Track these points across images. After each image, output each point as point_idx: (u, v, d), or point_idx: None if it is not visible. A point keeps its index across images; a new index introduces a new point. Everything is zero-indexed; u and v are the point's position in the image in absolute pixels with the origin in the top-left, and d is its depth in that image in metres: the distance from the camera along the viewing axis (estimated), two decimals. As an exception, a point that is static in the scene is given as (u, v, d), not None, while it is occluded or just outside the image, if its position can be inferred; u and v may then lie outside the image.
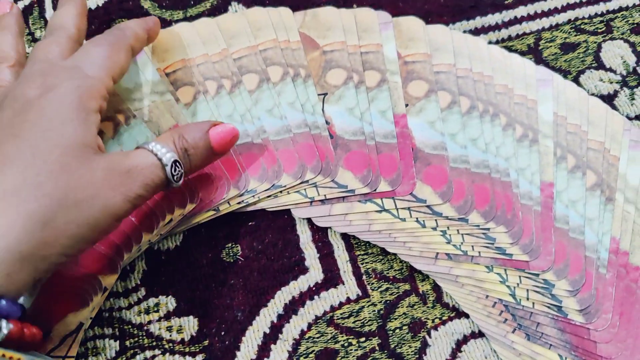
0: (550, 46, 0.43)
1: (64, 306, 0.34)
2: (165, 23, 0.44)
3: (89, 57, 0.32)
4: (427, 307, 0.36)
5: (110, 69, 0.32)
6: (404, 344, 0.35)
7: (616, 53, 0.43)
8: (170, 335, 0.35)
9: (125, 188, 0.28)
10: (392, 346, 0.35)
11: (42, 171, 0.27)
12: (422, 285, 0.36)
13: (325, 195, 0.38)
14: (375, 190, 0.37)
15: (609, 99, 0.41)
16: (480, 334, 0.35)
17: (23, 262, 0.25)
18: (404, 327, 0.35)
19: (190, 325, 0.35)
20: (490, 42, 0.43)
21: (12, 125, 0.28)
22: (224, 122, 0.35)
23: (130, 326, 0.35)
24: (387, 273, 0.37)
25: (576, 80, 0.42)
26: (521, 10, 0.44)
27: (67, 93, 0.29)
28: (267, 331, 0.35)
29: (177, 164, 0.31)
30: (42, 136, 0.28)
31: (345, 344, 0.35)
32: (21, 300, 0.28)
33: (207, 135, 0.33)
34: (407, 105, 0.40)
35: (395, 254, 0.37)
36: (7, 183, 0.26)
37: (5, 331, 0.24)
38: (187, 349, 0.35)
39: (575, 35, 0.44)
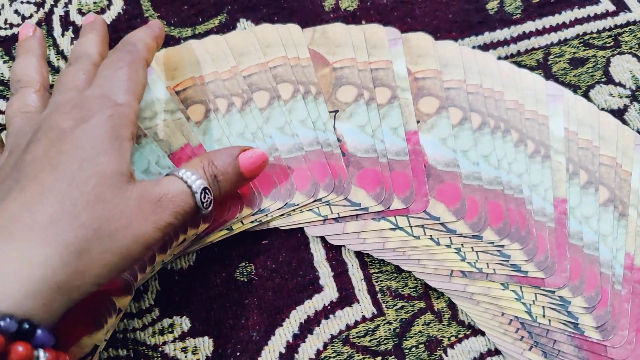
0: (560, 61, 0.43)
1: (78, 329, 0.33)
2: (174, 41, 0.44)
3: (114, 83, 0.32)
4: (443, 324, 0.36)
5: (135, 91, 0.32)
6: (420, 362, 0.35)
7: (625, 67, 0.43)
8: (186, 357, 0.35)
9: (156, 217, 0.29)
10: (409, 365, 0.35)
11: (79, 202, 0.27)
12: (438, 303, 0.36)
13: (338, 213, 0.38)
14: (388, 208, 0.37)
15: (619, 113, 0.41)
16: (497, 352, 0.35)
17: (58, 292, 0.25)
18: (420, 346, 0.35)
19: (205, 345, 0.35)
20: (499, 58, 0.43)
21: (49, 156, 0.28)
22: (253, 148, 0.35)
23: (144, 347, 0.35)
24: (402, 291, 0.36)
25: (586, 95, 0.42)
26: (529, 26, 0.45)
27: (100, 124, 0.30)
28: (283, 351, 0.35)
29: (207, 190, 0.31)
30: (78, 167, 0.28)
31: (362, 364, 0.35)
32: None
33: (237, 160, 0.33)
34: (418, 122, 0.40)
35: (409, 272, 0.37)
36: (45, 214, 0.26)
37: None
38: (202, 371, 0.34)
39: (584, 50, 0.44)
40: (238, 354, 0.35)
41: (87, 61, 0.34)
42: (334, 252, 0.37)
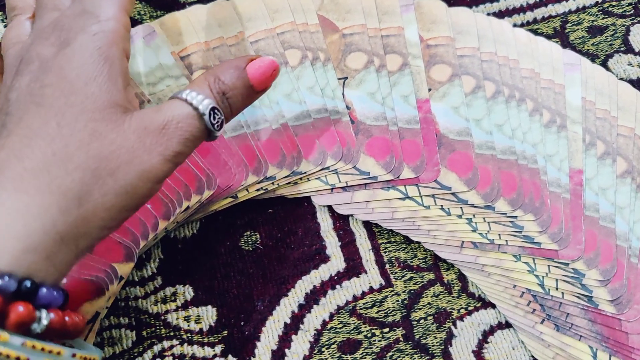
0: (577, 29, 0.42)
1: (79, 295, 0.33)
2: (179, 5, 0.42)
3: None
4: (453, 297, 0.35)
5: (122, 4, 0.28)
6: (429, 334, 0.34)
7: (645, 36, 0.42)
8: (189, 325, 0.34)
9: (162, 147, 0.26)
10: (417, 337, 0.34)
11: (71, 142, 0.24)
12: (447, 275, 0.35)
13: (346, 182, 0.37)
14: (398, 177, 0.36)
15: (638, 83, 0.40)
16: (508, 325, 0.34)
17: (62, 243, 0.23)
18: (429, 318, 0.34)
19: (208, 315, 0.34)
20: (515, 25, 0.41)
21: (33, 93, 0.25)
22: (260, 56, 0.30)
23: (147, 316, 0.34)
24: (411, 262, 0.36)
25: (604, 65, 0.41)
26: (546, -7, 0.43)
27: (84, 46, 0.26)
28: (288, 321, 0.34)
29: (216, 110, 0.28)
30: (65, 102, 0.25)
31: (369, 335, 0.34)
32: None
33: (245, 72, 0.29)
34: (430, 89, 0.39)
35: (419, 243, 0.36)
36: (35, 159, 0.24)
37: (45, 322, 0.23)
38: (205, 339, 0.34)
39: (603, 18, 0.42)
40: (242, 323, 0.34)
41: None
42: (341, 222, 0.36)
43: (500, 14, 0.42)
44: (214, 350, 0.33)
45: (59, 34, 0.27)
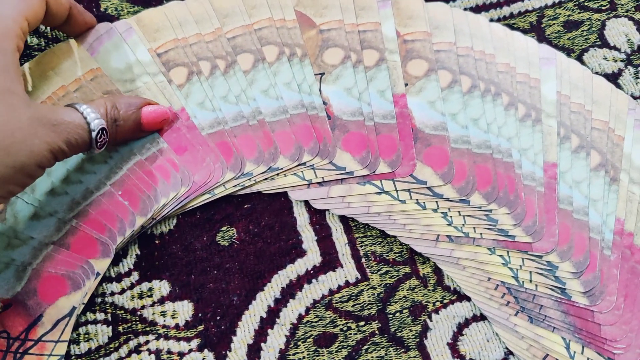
0: (553, 24, 0.42)
1: (54, 290, 0.33)
2: (157, 1, 0.42)
3: None
4: (428, 290, 0.35)
5: (22, 10, 0.31)
6: (404, 327, 0.34)
7: (620, 31, 0.42)
8: (165, 321, 0.34)
9: (50, 140, 0.29)
10: (393, 330, 0.34)
11: None
12: (423, 268, 0.36)
13: (323, 177, 0.37)
14: (374, 172, 0.36)
15: (613, 77, 0.40)
16: (482, 317, 0.34)
17: None
18: (405, 311, 0.34)
19: (185, 310, 0.34)
20: (491, 20, 0.42)
21: None
22: (158, 104, 0.36)
23: (123, 311, 0.34)
24: (387, 256, 0.36)
25: (580, 59, 0.41)
26: (523, -12, 0.43)
27: None
28: (264, 315, 0.34)
29: (104, 131, 0.32)
30: None
31: (345, 328, 0.34)
32: None
33: (139, 112, 0.35)
34: (406, 84, 0.39)
35: (395, 237, 0.36)
36: None
37: None
38: (182, 334, 0.34)
39: (579, 13, 0.42)
40: (218, 318, 0.34)
41: None
42: (317, 216, 0.37)
43: (476, 9, 0.43)
44: (189, 345, 0.33)
45: None
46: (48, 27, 0.41)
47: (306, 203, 0.37)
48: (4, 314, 0.32)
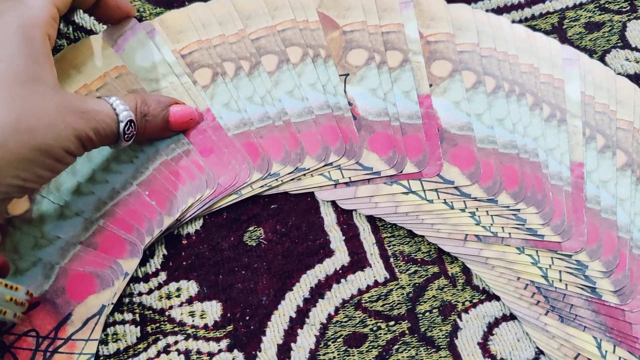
0: (575, 25, 0.42)
1: (83, 288, 0.33)
2: (179, 3, 0.42)
3: None
4: (457, 289, 0.35)
5: None
6: (434, 327, 0.34)
7: (642, 32, 0.42)
8: (193, 321, 0.34)
9: (78, 126, 0.29)
10: (423, 330, 0.34)
11: None
12: (451, 268, 0.35)
13: (349, 177, 0.37)
14: (401, 171, 0.36)
15: (635, 78, 0.40)
16: (512, 317, 0.34)
17: None
18: (434, 310, 0.34)
19: (213, 310, 0.34)
20: (513, 21, 0.42)
21: None
22: (186, 104, 0.37)
23: (151, 311, 0.34)
24: (415, 255, 0.36)
25: (602, 60, 0.41)
26: (544, -10, 0.44)
27: (9, 24, 0.29)
28: (294, 315, 0.34)
29: (132, 124, 0.32)
30: None
31: (374, 328, 0.34)
32: None
33: (168, 110, 0.35)
34: (431, 85, 0.39)
35: (422, 236, 0.36)
36: None
37: None
38: (211, 334, 0.33)
39: (600, 15, 0.43)
40: (247, 318, 0.34)
41: None
42: (345, 217, 0.36)
43: (498, 11, 0.43)
44: (219, 345, 0.33)
45: None
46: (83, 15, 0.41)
47: (333, 203, 0.37)
48: (33, 312, 0.32)
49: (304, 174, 0.37)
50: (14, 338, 0.32)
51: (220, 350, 0.33)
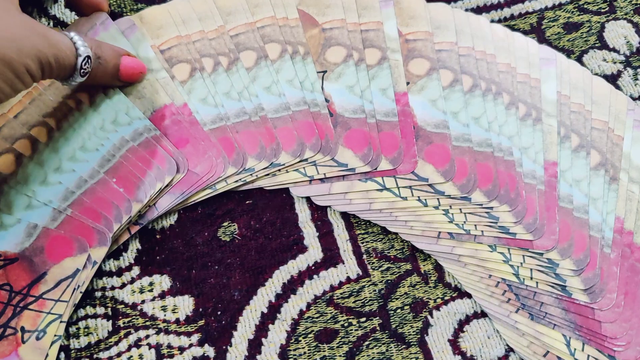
0: (553, 25, 0.42)
1: (61, 250, 0.33)
2: (161, -1, 0.43)
3: None
4: (429, 286, 0.35)
5: None
6: (405, 324, 0.34)
7: (619, 33, 0.42)
8: (165, 315, 0.34)
9: (40, 47, 0.30)
10: (394, 326, 0.34)
11: None
12: (424, 265, 0.36)
13: (324, 173, 0.37)
14: (376, 168, 0.37)
15: (612, 79, 0.41)
16: (483, 314, 0.35)
17: None
18: (406, 307, 0.34)
19: (185, 304, 0.34)
20: (492, 21, 0.42)
21: None
22: (137, 58, 0.38)
23: (123, 306, 0.34)
24: (388, 252, 0.36)
25: (579, 60, 0.41)
26: (523, -10, 0.44)
27: None
28: (265, 311, 0.34)
29: (89, 60, 0.33)
30: None
31: (346, 324, 0.34)
32: None
33: (120, 58, 0.36)
34: (408, 83, 0.39)
35: (396, 233, 0.36)
36: None
37: None
38: (182, 329, 0.33)
39: (579, 15, 0.43)
40: (219, 313, 0.34)
41: None
42: (319, 213, 0.37)
43: (477, 10, 0.43)
44: (190, 340, 0.33)
45: None
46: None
47: (308, 199, 0.37)
48: (9, 267, 0.33)
49: (279, 170, 0.37)
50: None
51: (191, 345, 0.33)
